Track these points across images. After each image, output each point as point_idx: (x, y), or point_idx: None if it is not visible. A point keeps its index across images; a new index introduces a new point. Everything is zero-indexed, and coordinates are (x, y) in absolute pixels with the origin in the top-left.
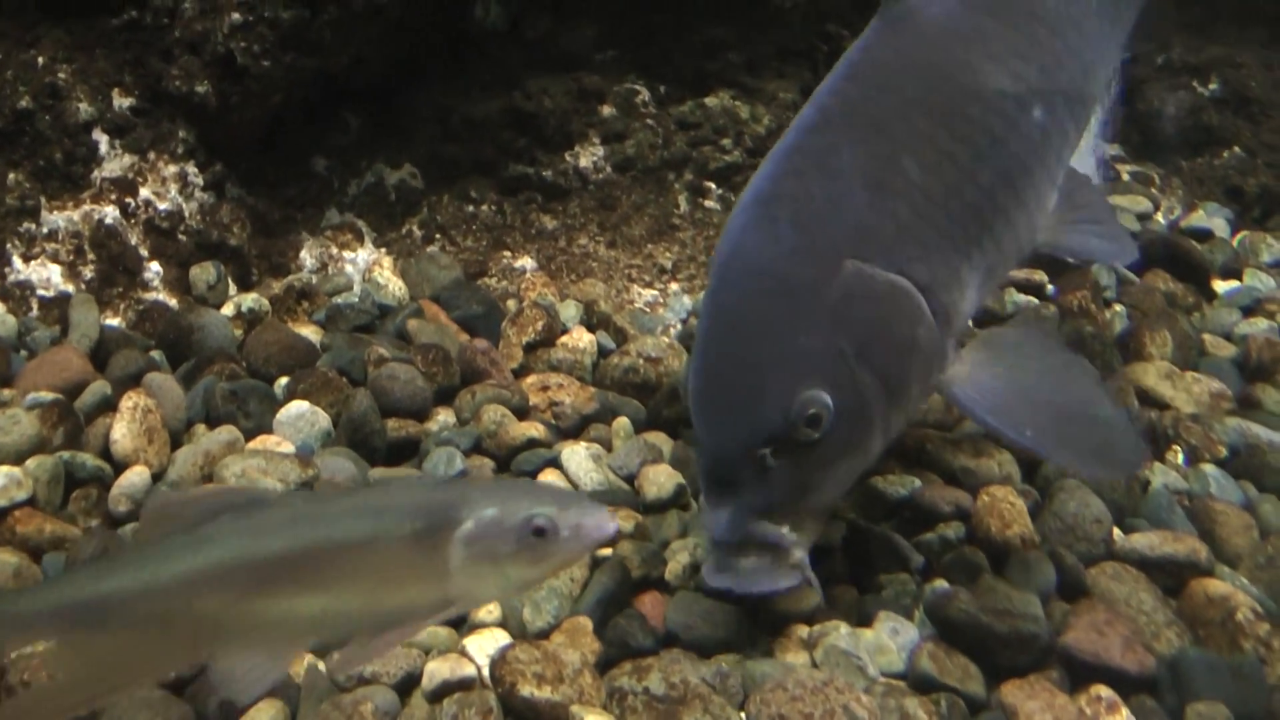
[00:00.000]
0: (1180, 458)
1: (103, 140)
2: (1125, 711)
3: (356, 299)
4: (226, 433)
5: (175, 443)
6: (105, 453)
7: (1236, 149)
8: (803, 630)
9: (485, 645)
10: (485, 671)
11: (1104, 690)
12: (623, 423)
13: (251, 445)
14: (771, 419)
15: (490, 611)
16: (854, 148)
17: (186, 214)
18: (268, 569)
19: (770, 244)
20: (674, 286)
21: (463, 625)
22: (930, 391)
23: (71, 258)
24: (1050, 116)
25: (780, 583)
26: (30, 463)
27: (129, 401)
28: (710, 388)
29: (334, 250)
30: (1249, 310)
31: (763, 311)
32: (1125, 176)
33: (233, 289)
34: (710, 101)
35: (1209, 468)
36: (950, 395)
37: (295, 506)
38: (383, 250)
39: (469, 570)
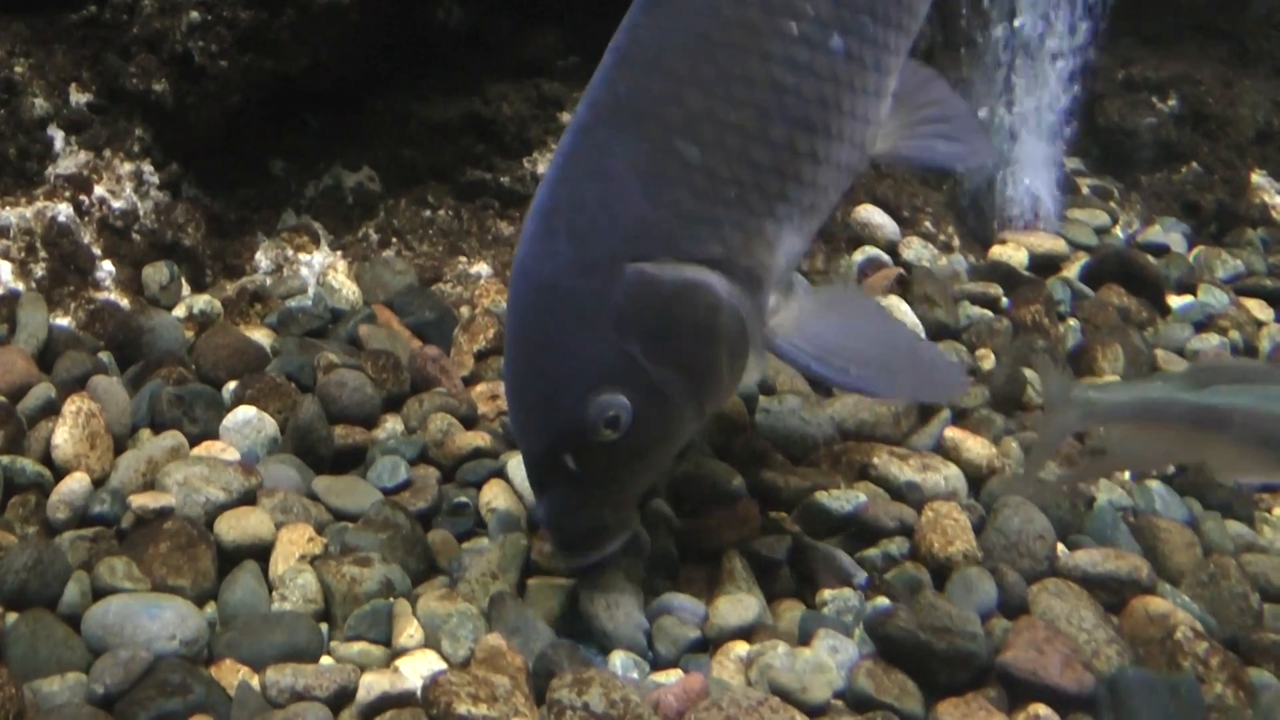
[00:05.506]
0: (1126, 474)
1: (58, 136)
2: None
3: (310, 302)
4: (171, 438)
5: (120, 448)
6: (47, 458)
7: (1194, 165)
8: (741, 648)
9: (418, 666)
10: (419, 695)
11: (1042, 709)
12: None
13: (196, 451)
14: (567, 428)
15: (411, 635)
16: (625, 143)
17: (141, 213)
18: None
19: (549, 259)
20: None
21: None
22: (759, 352)
23: (22, 255)
24: (855, 38)
25: (606, 550)
26: None
27: (72, 405)
28: (513, 403)
29: (289, 252)
30: (1202, 326)
31: (548, 330)
32: (1084, 190)
33: (186, 290)
34: None
35: (1154, 484)
36: (774, 348)
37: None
38: (338, 254)
39: None
